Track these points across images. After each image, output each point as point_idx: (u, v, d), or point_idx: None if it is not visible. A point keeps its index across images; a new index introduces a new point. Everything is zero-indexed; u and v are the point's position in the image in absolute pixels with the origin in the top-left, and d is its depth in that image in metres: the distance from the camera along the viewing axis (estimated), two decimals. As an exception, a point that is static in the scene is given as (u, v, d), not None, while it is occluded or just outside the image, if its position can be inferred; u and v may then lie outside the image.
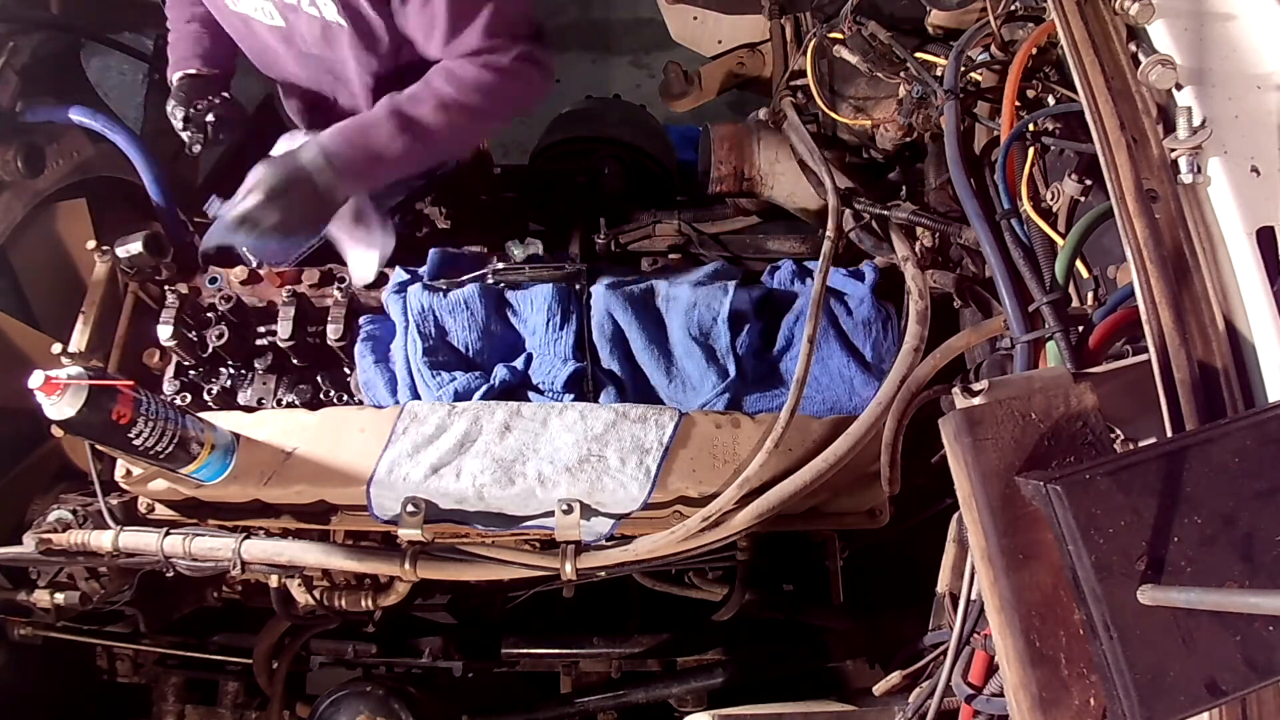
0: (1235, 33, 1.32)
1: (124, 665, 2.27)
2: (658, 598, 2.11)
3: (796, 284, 1.98)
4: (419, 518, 1.60)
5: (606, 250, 2.23)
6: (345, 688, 2.01)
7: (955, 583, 1.32)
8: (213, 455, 1.65)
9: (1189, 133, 1.21)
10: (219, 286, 1.94)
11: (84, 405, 1.42)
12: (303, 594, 1.90)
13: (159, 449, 1.54)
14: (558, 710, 2.17)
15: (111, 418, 1.46)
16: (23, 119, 1.99)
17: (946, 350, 1.63)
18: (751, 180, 2.13)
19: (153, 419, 1.52)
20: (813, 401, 1.80)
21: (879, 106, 2.04)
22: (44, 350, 1.87)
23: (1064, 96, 1.57)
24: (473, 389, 1.78)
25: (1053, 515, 0.93)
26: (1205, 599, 0.85)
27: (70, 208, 2.13)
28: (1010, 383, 1.07)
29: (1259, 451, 0.94)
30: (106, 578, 1.89)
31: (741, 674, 2.10)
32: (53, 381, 1.41)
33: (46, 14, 2.14)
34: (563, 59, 4.62)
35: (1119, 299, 1.32)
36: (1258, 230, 1.17)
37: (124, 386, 1.48)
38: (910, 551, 1.72)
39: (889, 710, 1.53)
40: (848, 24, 1.93)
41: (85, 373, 1.44)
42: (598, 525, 1.64)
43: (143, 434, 1.51)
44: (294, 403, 1.87)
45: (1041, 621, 0.95)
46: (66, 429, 1.48)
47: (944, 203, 1.98)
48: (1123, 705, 0.87)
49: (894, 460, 1.61)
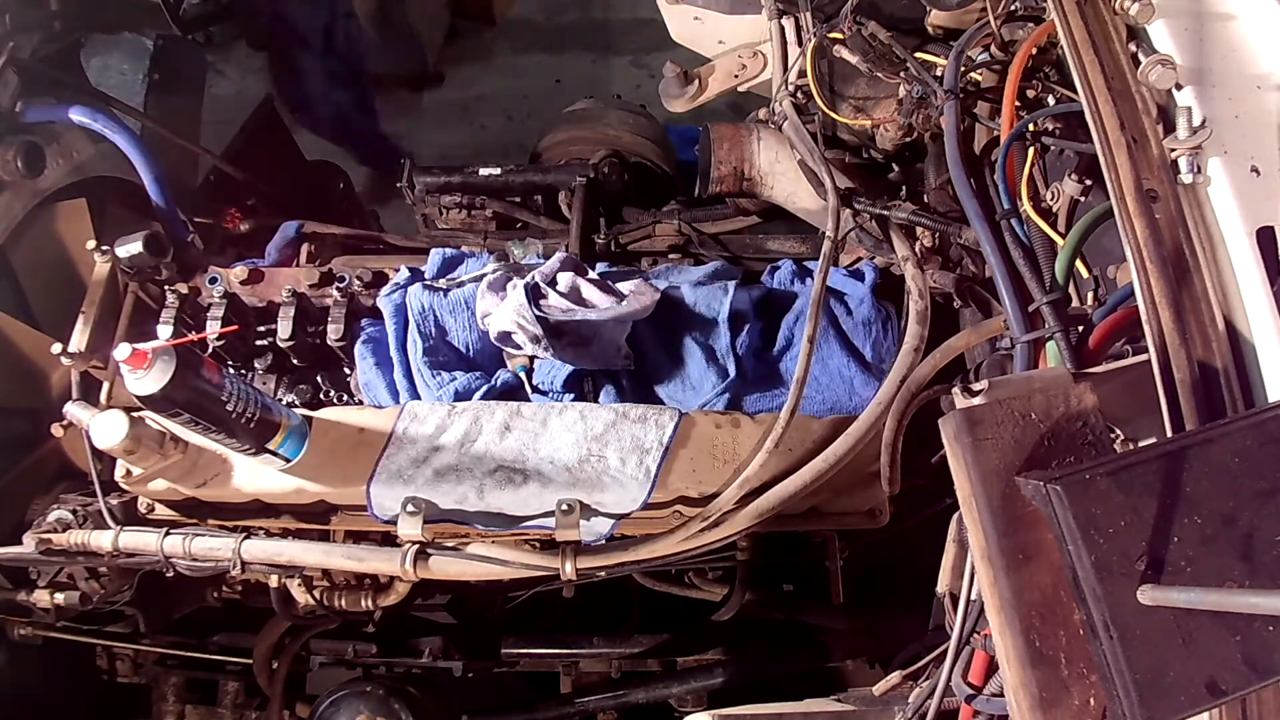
0: (1235, 33, 1.32)
1: (124, 665, 2.27)
2: (658, 598, 2.11)
3: (796, 284, 1.99)
4: (419, 518, 1.60)
5: (606, 250, 2.23)
6: (345, 688, 2.01)
7: (955, 583, 1.32)
8: (290, 431, 1.60)
9: (1189, 133, 1.21)
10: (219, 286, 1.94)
11: (175, 373, 1.34)
12: (303, 594, 1.90)
13: (250, 414, 1.46)
14: (558, 710, 2.17)
15: (204, 384, 1.38)
16: (23, 119, 1.99)
17: (946, 350, 1.63)
18: (751, 180, 2.13)
19: (233, 384, 1.45)
20: (813, 401, 1.80)
21: (879, 106, 2.04)
22: (44, 350, 1.88)
23: (1064, 96, 1.57)
24: (473, 389, 1.78)
25: (1053, 515, 0.93)
26: (1205, 599, 0.85)
27: (70, 208, 2.13)
28: (1010, 383, 1.07)
29: (1259, 451, 0.94)
30: (106, 578, 1.89)
31: (741, 674, 2.10)
32: (140, 352, 1.32)
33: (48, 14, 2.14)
34: (563, 59, 4.63)
35: (1119, 299, 1.32)
36: (1258, 230, 1.17)
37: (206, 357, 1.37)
38: (910, 551, 1.72)
39: (889, 710, 1.53)
40: (848, 24, 1.93)
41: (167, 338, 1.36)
42: (598, 525, 1.63)
43: (233, 397, 1.43)
44: (294, 403, 1.87)
45: (1041, 621, 0.95)
46: (152, 404, 1.39)
47: (944, 203, 1.98)
48: (1123, 705, 0.87)
49: (894, 460, 1.61)
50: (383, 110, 4.30)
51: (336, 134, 3.99)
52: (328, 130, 3.97)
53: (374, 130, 4.14)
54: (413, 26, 4.40)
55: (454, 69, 4.79)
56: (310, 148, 3.41)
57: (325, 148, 3.85)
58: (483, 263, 1.96)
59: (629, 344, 1.83)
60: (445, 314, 1.86)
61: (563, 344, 1.78)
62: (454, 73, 4.79)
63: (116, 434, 1.50)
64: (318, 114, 3.93)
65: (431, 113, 4.73)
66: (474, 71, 4.11)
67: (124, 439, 1.51)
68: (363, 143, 4.06)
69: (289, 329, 1.86)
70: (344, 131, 4.00)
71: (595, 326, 1.78)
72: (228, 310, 1.89)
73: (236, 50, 4.94)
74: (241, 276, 1.95)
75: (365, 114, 4.11)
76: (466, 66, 4.53)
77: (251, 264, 2.00)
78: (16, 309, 2.06)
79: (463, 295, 1.88)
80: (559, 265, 1.87)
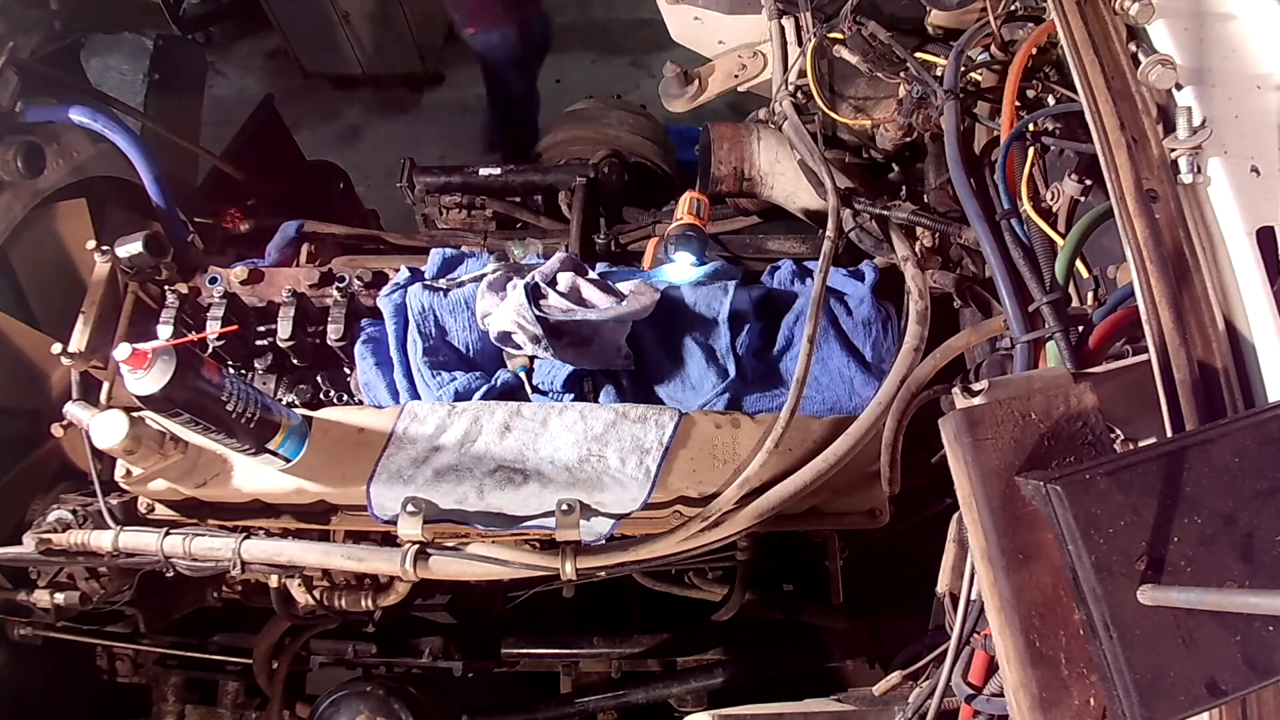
0: (1235, 33, 1.32)
1: (124, 665, 2.28)
2: (658, 598, 2.11)
3: (796, 284, 1.98)
4: (419, 518, 1.60)
5: (606, 250, 2.23)
6: (345, 688, 2.01)
7: (955, 583, 1.32)
8: (290, 431, 1.60)
9: (1189, 133, 1.21)
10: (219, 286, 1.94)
11: (175, 373, 1.34)
12: (303, 594, 1.90)
13: (250, 414, 1.46)
14: (558, 710, 2.17)
15: (204, 384, 1.38)
16: (23, 119, 1.99)
17: (946, 350, 1.63)
18: (751, 180, 2.13)
19: (233, 384, 1.45)
20: (813, 401, 1.80)
21: (879, 106, 2.04)
22: (44, 350, 1.87)
23: (1064, 96, 1.57)
24: (473, 389, 1.78)
25: (1053, 515, 0.93)
26: (1205, 599, 0.85)
27: (70, 208, 2.13)
28: (1010, 383, 1.07)
29: (1259, 451, 0.94)
30: (106, 578, 1.89)
31: (741, 674, 2.10)
32: (140, 352, 1.32)
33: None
34: (563, 59, 4.63)
35: (1119, 299, 1.32)
36: (1258, 230, 1.17)
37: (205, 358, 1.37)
38: (910, 551, 1.72)
39: (889, 710, 1.53)
40: (848, 24, 1.93)
41: (166, 338, 1.36)
42: (598, 525, 1.63)
43: (233, 397, 1.43)
44: (294, 403, 1.87)
45: (1041, 621, 0.95)
46: (152, 404, 1.39)
47: (944, 203, 1.98)
48: (1123, 705, 0.87)
49: (894, 460, 1.61)
50: (382, 110, 4.31)
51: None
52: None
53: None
54: (412, 27, 4.41)
55: (454, 69, 4.80)
56: (310, 148, 3.42)
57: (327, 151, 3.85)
58: (483, 263, 1.96)
59: (629, 344, 1.83)
60: (445, 314, 1.86)
61: (563, 344, 1.78)
62: (454, 73, 4.80)
63: (116, 434, 1.50)
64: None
65: (431, 113, 4.73)
66: (474, 71, 4.12)
67: (124, 439, 1.51)
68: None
69: (289, 329, 1.86)
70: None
71: (595, 326, 1.78)
72: (228, 310, 1.89)
73: (236, 50, 4.95)
74: (241, 276, 1.95)
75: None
76: (466, 66, 4.52)
77: (251, 264, 2.00)
78: (16, 309, 2.06)
79: (463, 295, 1.88)
80: (559, 265, 1.87)
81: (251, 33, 4.94)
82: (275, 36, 4.64)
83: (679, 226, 1.96)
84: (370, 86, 4.78)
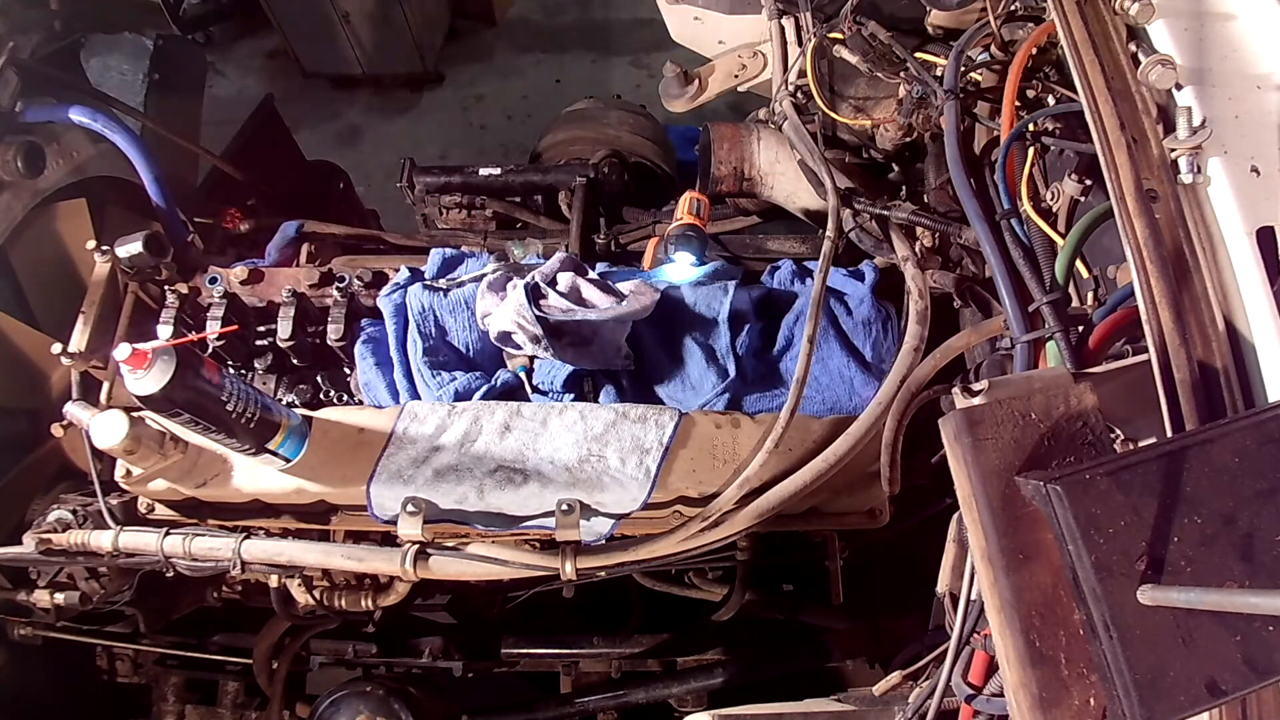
0: (1235, 33, 1.32)
1: (124, 665, 2.28)
2: (658, 598, 2.11)
3: (796, 284, 1.98)
4: (419, 518, 1.60)
5: (606, 250, 2.23)
6: (345, 688, 2.01)
7: (955, 583, 1.32)
8: (290, 431, 1.60)
9: (1189, 133, 1.21)
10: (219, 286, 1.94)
11: (175, 373, 1.34)
12: (303, 594, 1.90)
13: (250, 414, 1.47)
14: (558, 710, 2.17)
15: (204, 384, 1.38)
16: (23, 119, 1.99)
17: (946, 350, 1.63)
18: (751, 180, 2.13)
19: (233, 384, 1.46)
20: (813, 401, 1.80)
21: (879, 106, 2.04)
22: (44, 350, 1.87)
23: (1064, 96, 1.57)
24: (473, 389, 1.78)
25: (1053, 515, 0.93)
26: (1205, 599, 0.84)
27: (70, 208, 2.13)
28: (1010, 383, 1.07)
29: (1259, 451, 0.94)
30: (106, 578, 1.89)
31: (741, 674, 2.10)
32: (140, 352, 1.32)
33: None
34: (563, 59, 4.63)
35: (1119, 299, 1.32)
36: (1258, 230, 1.17)
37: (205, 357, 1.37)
38: (910, 551, 1.72)
39: (889, 710, 1.53)
40: (848, 24, 1.93)
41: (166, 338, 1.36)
42: (598, 525, 1.63)
43: (233, 397, 1.44)
44: (294, 403, 1.87)
45: (1041, 621, 0.95)
46: (152, 404, 1.39)
47: (944, 203, 1.98)
48: (1123, 705, 0.87)
49: (894, 460, 1.61)
50: (382, 110, 4.30)
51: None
52: None
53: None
54: (412, 27, 4.41)
55: (454, 69, 4.80)
56: (310, 148, 3.42)
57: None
58: (483, 263, 1.96)
59: (629, 344, 1.83)
60: (445, 314, 1.86)
61: (563, 344, 1.78)
62: (454, 73, 4.80)
63: (116, 434, 1.50)
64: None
65: (431, 113, 4.73)
66: (474, 71, 4.12)
67: (124, 439, 1.51)
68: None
69: (289, 329, 1.86)
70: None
71: (595, 326, 1.78)
72: (228, 310, 1.89)
73: (236, 50, 4.94)
74: (241, 276, 1.95)
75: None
76: (466, 66, 4.53)
77: (251, 264, 2.00)
78: (16, 309, 2.06)
79: (463, 295, 1.88)
80: (559, 265, 1.87)
81: (251, 33, 4.94)
82: (275, 36, 4.64)
83: (679, 226, 1.96)
84: (370, 86, 4.78)
